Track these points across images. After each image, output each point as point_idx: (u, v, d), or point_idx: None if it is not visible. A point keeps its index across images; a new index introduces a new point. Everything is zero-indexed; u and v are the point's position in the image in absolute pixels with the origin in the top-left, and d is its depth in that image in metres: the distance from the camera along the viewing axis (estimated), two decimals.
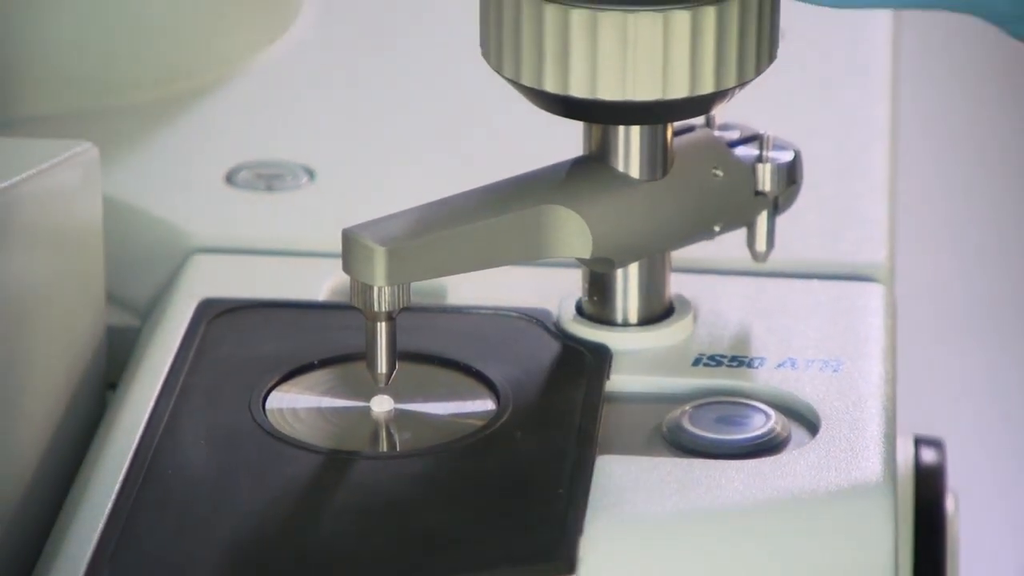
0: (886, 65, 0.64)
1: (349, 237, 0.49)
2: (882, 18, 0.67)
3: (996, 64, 1.07)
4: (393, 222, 0.49)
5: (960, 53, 1.07)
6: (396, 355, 0.50)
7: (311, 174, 0.58)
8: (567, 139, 0.52)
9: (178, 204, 0.57)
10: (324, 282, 0.54)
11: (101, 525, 0.47)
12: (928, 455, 0.54)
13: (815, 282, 0.55)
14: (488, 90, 0.53)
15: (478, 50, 0.51)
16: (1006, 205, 0.96)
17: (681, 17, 0.49)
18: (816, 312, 0.54)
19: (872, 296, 0.54)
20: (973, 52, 1.08)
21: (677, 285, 0.53)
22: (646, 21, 0.49)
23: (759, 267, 0.54)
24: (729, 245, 0.53)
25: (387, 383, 0.50)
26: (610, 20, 0.49)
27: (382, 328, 0.49)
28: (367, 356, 0.50)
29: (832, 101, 0.62)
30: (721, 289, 0.54)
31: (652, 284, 0.52)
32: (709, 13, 0.49)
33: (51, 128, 0.59)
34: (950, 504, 0.53)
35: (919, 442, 0.54)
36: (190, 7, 0.61)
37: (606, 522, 0.47)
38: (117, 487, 0.48)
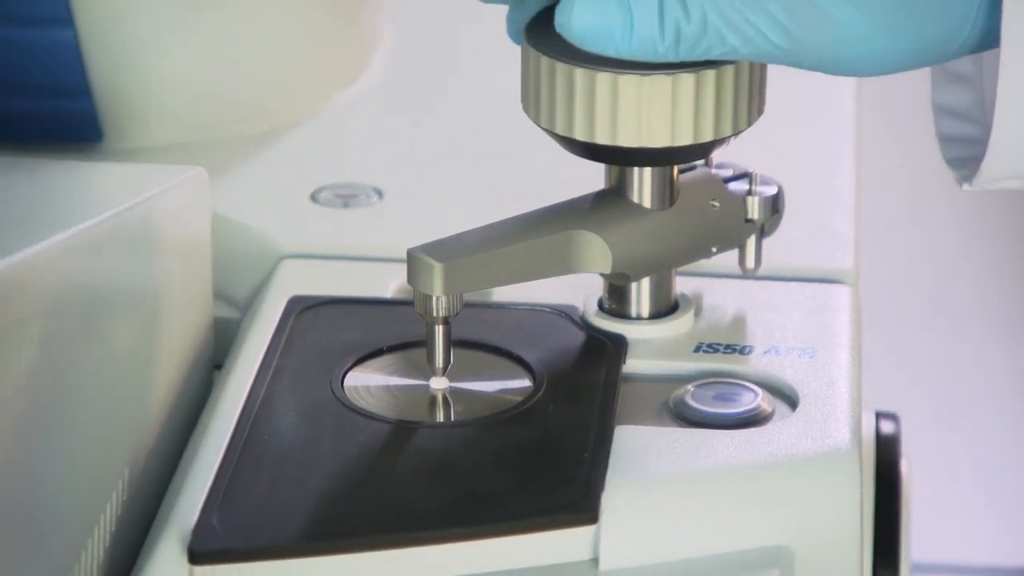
0: (850, 102, 0.64)
1: (412, 255, 0.49)
2: None
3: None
4: (449, 243, 0.49)
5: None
6: (451, 351, 0.50)
7: (380, 194, 0.58)
8: (590, 175, 0.52)
9: (271, 218, 0.57)
10: (390, 283, 0.54)
11: (210, 480, 0.47)
12: (886, 426, 0.54)
13: (794, 284, 0.54)
14: (527, 134, 0.53)
15: (519, 102, 0.51)
16: (953, 217, 0.96)
17: (687, 80, 0.49)
18: (795, 309, 0.53)
19: (841, 296, 0.54)
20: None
21: (681, 285, 0.53)
22: (658, 83, 0.49)
23: (745, 272, 0.54)
24: (724, 254, 0.53)
25: (444, 374, 0.50)
26: (629, 81, 0.49)
27: (439, 330, 0.49)
28: (427, 351, 0.50)
29: (803, 134, 0.62)
30: (717, 289, 0.54)
31: (660, 286, 0.52)
32: (709, 76, 0.49)
33: (168, 156, 0.59)
34: (904, 467, 0.53)
35: (879, 416, 0.54)
36: (283, 55, 0.61)
37: (624, 481, 0.47)
38: (223, 449, 0.48)
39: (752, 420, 0.49)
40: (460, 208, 0.55)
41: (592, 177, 0.52)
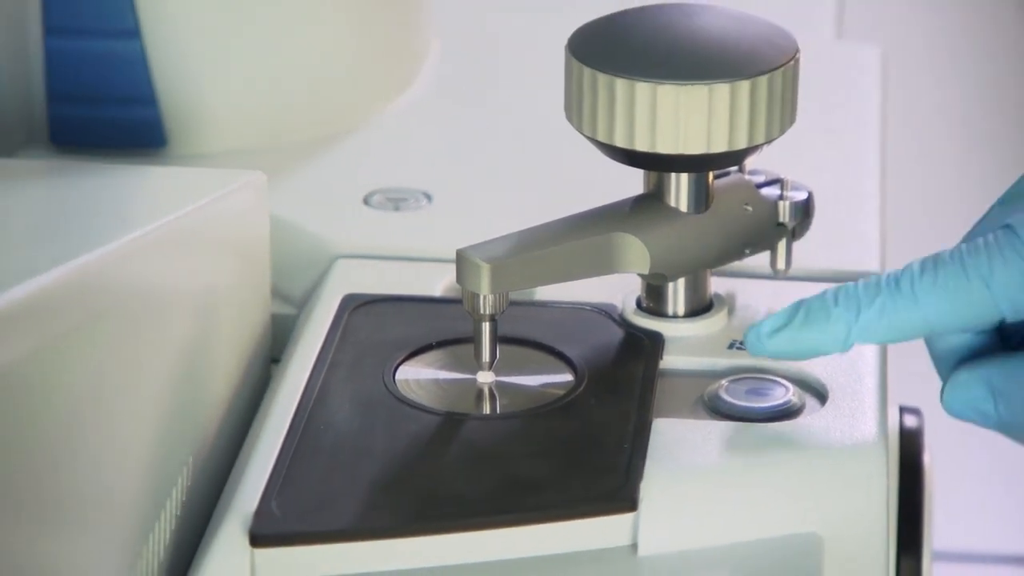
0: (875, 113, 0.64)
1: (461, 256, 0.49)
2: (871, 64, 0.67)
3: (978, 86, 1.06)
4: (496, 244, 0.49)
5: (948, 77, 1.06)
6: (497, 347, 0.50)
7: (429, 198, 0.58)
8: (629, 180, 0.52)
9: (326, 220, 0.57)
10: (439, 281, 0.54)
11: (270, 467, 0.47)
12: (910, 420, 0.53)
13: (822, 284, 0.54)
14: (570, 141, 0.53)
15: (562, 111, 0.51)
16: (974, 219, 0.95)
17: (722, 90, 0.49)
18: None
19: None
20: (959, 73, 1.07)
21: (715, 286, 0.53)
22: (695, 92, 0.49)
23: (776, 273, 0.54)
24: (756, 256, 0.53)
25: (490, 369, 0.50)
26: (667, 91, 0.49)
27: (486, 327, 0.49)
28: (475, 347, 0.50)
29: (831, 143, 0.62)
30: (750, 289, 0.53)
31: (696, 286, 0.52)
32: (744, 87, 0.49)
33: (228, 161, 0.59)
34: (927, 459, 0.53)
35: (903, 410, 0.54)
36: (336, 67, 0.61)
37: (661, 470, 0.47)
38: (281, 438, 0.48)
39: (783, 414, 0.49)
40: (506, 211, 0.55)
41: (631, 182, 0.52)
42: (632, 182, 0.52)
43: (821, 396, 0.50)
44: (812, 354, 0.47)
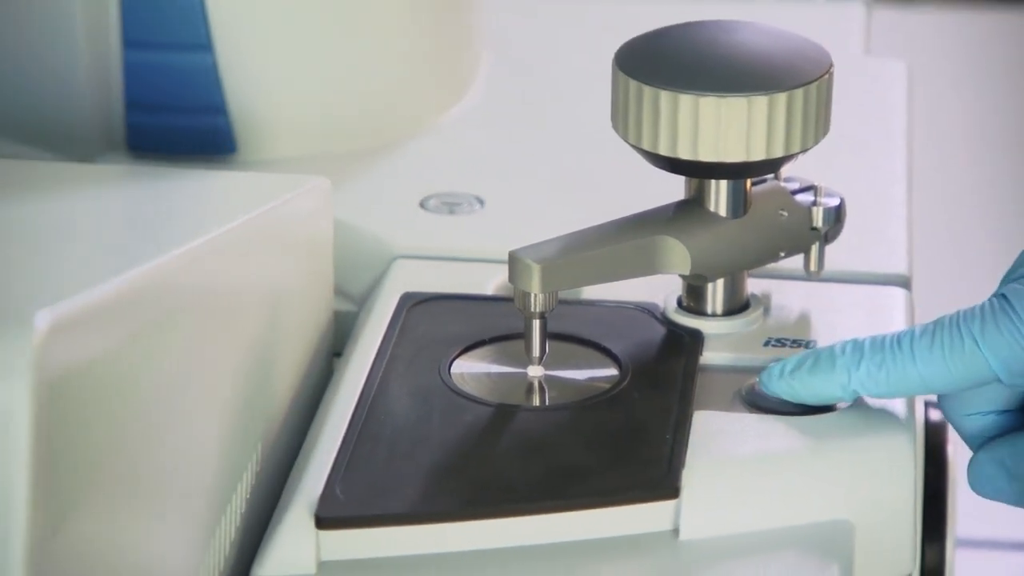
0: (901, 122, 0.64)
1: (514, 257, 0.49)
2: (898, 78, 0.67)
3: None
4: (546, 246, 0.49)
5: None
6: (546, 343, 0.50)
7: (482, 202, 0.58)
8: (671, 186, 0.52)
9: (385, 223, 0.57)
10: (491, 281, 0.54)
11: (334, 454, 0.47)
12: (934, 415, 0.53)
13: (854, 286, 0.54)
14: (615, 149, 0.53)
15: (609, 120, 0.51)
16: (999, 225, 0.95)
17: (760, 102, 0.49)
18: (855, 308, 0.53)
19: (896, 297, 0.54)
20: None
21: (752, 286, 0.53)
22: (734, 104, 0.49)
23: (810, 274, 0.54)
24: (790, 259, 0.53)
25: (540, 363, 0.50)
26: (708, 103, 0.49)
27: (536, 324, 0.49)
28: (525, 343, 0.50)
29: (861, 152, 0.62)
30: (785, 290, 0.53)
31: (733, 286, 0.52)
32: (781, 99, 0.49)
33: (294, 167, 0.59)
34: (950, 451, 0.53)
35: (928, 405, 0.54)
36: (396, 79, 0.62)
37: (701, 460, 0.47)
38: (344, 427, 0.48)
39: (817, 407, 0.49)
40: (554, 215, 0.55)
41: (673, 188, 0.52)
42: (674, 188, 0.52)
43: None
44: (817, 399, 0.48)
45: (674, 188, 0.52)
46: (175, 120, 0.59)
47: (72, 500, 0.38)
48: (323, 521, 0.45)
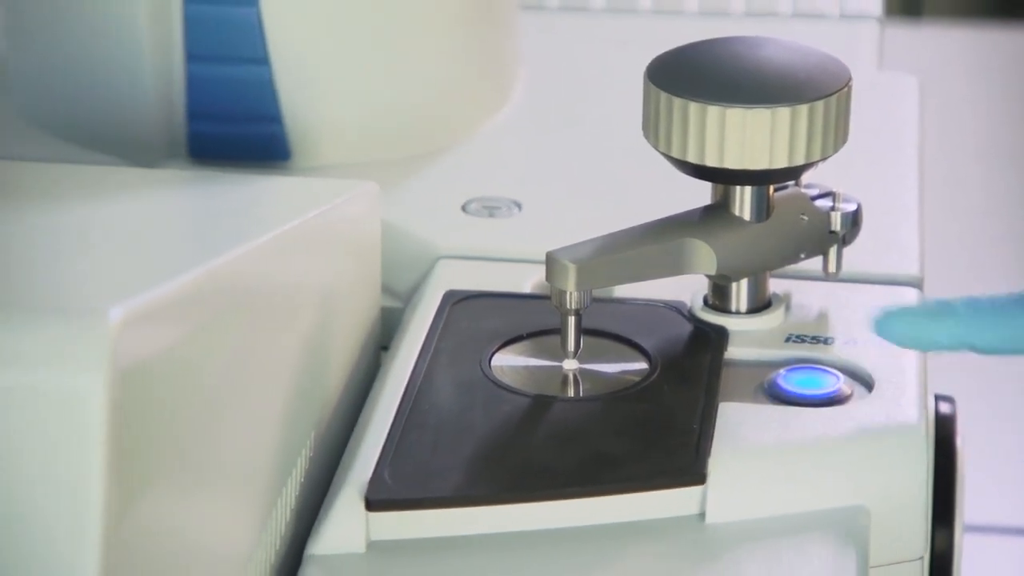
0: (913, 134, 0.64)
1: (551, 257, 0.49)
2: (910, 92, 0.66)
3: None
4: (581, 247, 0.49)
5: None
6: (581, 338, 0.50)
7: (520, 206, 0.58)
8: (698, 192, 0.52)
9: (429, 225, 0.57)
10: (529, 280, 0.54)
11: (382, 441, 0.47)
12: (944, 407, 0.53)
13: (869, 286, 0.54)
14: (646, 156, 0.53)
15: (640, 130, 0.51)
16: (1007, 229, 0.95)
17: (783, 113, 0.49)
18: (869, 307, 0.52)
19: (909, 296, 0.54)
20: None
21: (774, 286, 0.53)
22: (759, 115, 0.49)
23: (828, 275, 0.54)
24: (810, 260, 0.53)
25: (575, 357, 0.50)
26: (734, 114, 0.49)
27: (571, 320, 0.49)
28: (561, 338, 0.50)
29: (876, 162, 0.62)
30: (804, 290, 0.53)
31: (756, 286, 0.52)
32: (802, 110, 0.49)
33: (344, 172, 0.59)
34: (959, 442, 0.53)
35: (938, 398, 0.54)
36: (439, 91, 0.62)
37: (727, 448, 0.47)
38: (391, 416, 0.48)
39: (834, 400, 0.49)
40: (588, 218, 0.55)
41: (700, 193, 0.52)
42: (700, 193, 0.52)
43: (868, 385, 0.50)
44: (929, 346, 0.47)
45: (701, 193, 0.52)
46: (234, 129, 0.59)
47: (141, 482, 0.38)
48: (372, 503, 0.45)
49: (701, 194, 0.52)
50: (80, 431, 0.36)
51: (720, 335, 0.51)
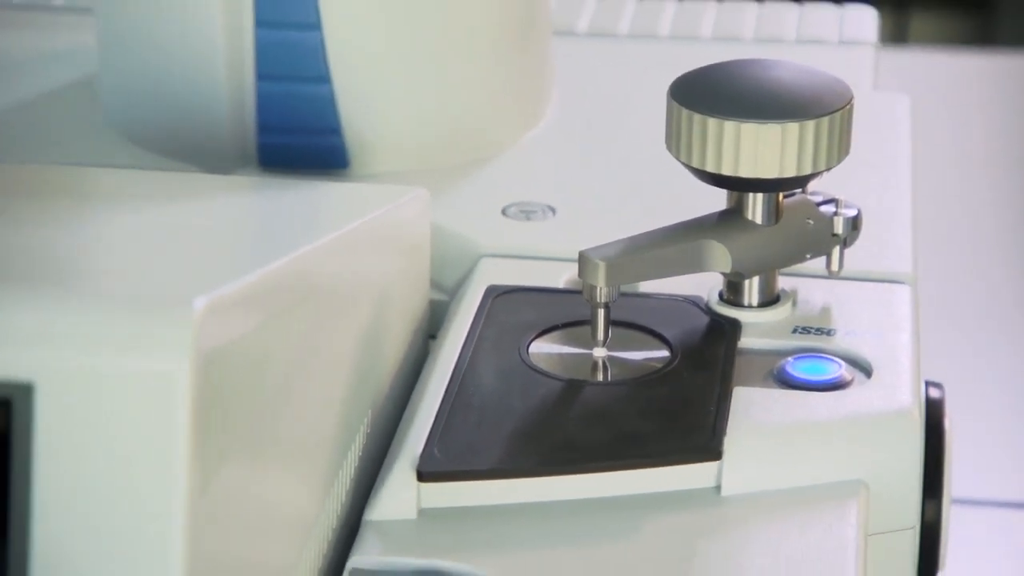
0: (906, 148, 0.64)
1: (583, 255, 0.49)
2: (902, 110, 0.66)
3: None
4: (610, 247, 0.49)
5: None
6: (609, 328, 0.50)
7: (554, 211, 0.58)
8: (715, 198, 0.52)
9: (473, 227, 0.57)
10: (562, 276, 0.54)
11: (431, 420, 0.47)
12: (934, 392, 0.53)
13: (867, 283, 0.54)
14: (668, 166, 0.53)
15: (663, 142, 0.51)
16: (996, 230, 0.95)
17: (792, 128, 0.49)
18: (868, 302, 0.53)
19: (903, 292, 0.54)
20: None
21: (782, 283, 0.53)
22: (770, 130, 0.49)
23: (831, 273, 0.53)
24: (814, 260, 0.53)
25: (603, 345, 0.50)
26: (748, 128, 0.49)
27: (601, 312, 0.49)
28: (591, 328, 0.50)
29: (872, 172, 0.62)
30: (809, 286, 0.53)
31: (766, 283, 0.52)
32: (809, 125, 0.49)
33: (397, 179, 0.59)
34: (947, 424, 0.53)
35: (928, 384, 0.53)
36: (484, 106, 0.62)
37: (740, 428, 0.47)
38: (439, 398, 0.48)
39: (837, 385, 0.49)
40: (616, 221, 0.55)
41: (716, 200, 0.52)
42: (717, 200, 0.52)
43: (867, 372, 0.49)
44: None
45: (717, 200, 0.52)
46: (298, 140, 0.59)
47: (221, 455, 0.38)
48: (423, 475, 0.45)
49: (717, 200, 0.52)
50: (167, 409, 0.36)
51: (734, 327, 0.51)
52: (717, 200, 0.52)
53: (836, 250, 0.52)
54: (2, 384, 0.36)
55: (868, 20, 0.74)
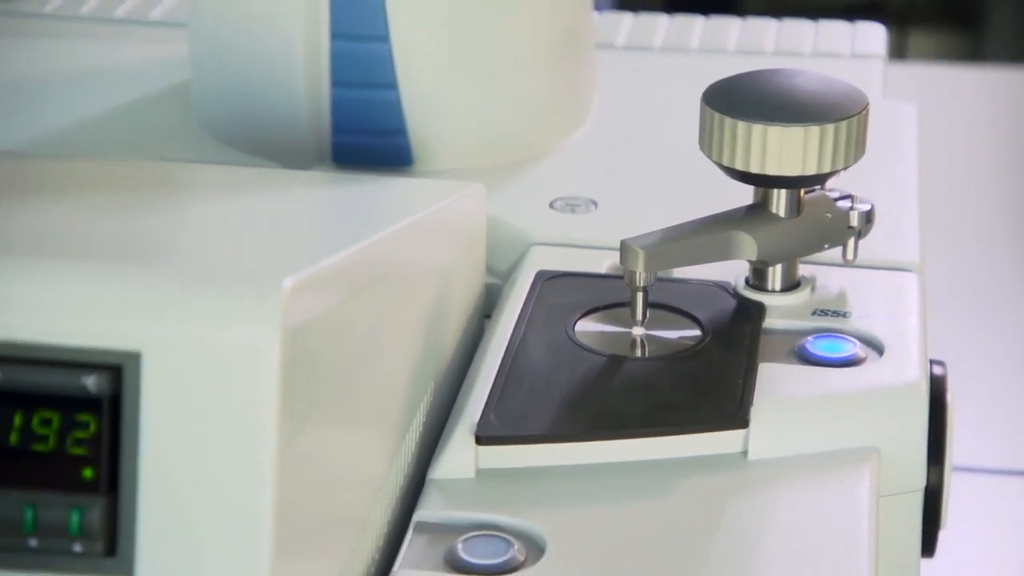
0: (912, 152, 0.63)
1: (624, 244, 0.49)
2: (909, 118, 0.66)
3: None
4: (648, 236, 0.49)
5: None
6: (647, 310, 0.49)
7: (596, 204, 0.58)
8: (743, 193, 0.52)
9: (525, 219, 0.57)
10: (605, 262, 0.54)
11: (488, 389, 0.47)
12: (937, 369, 0.53)
13: (878, 271, 0.54)
14: (701, 164, 0.52)
15: (697, 142, 0.51)
16: (997, 224, 0.95)
17: (814, 130, 0.49)
18: (880, 287, 0.53)
19: (911, 279, 0.53)
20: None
21: (802, 270, 0.52)
22: (794, 132, 0.49)
23: (846, 262, 0.53)
24: (832, 250, 0.52)
25: (642, 325, 0.50)
26: (774, 131, 0.49)
27: (639, 295, 0.49)
28: (631, 309, 0.50)
29: (883, 171, 0.61)
30: (827, 273, 0.53)
31: (788, 269, 0.52)
32: (829, 128, 0.49)
33: (457, 175, 0.59)
34: (949, 397, 0.52)
35: (932, 362, 0.53)
36: (535, 110, 0.61)
37: (764, 399, 0.47)
38: (495, 369, 0.48)
39: (852, 362, 0.49)
40: (653, 214, 0.55)
41: (744, 194, 0.52)
42: (744, 195, 0.52)
43: (879, 350, 0.49)
44: None
45: (744, 194, 0.52)
46: (368, 140, 0.59)
47: (304, 418, 0.38)
48: (481, 439, 0.45)
49: (743, 195, 0.52)
50: (259, 375, 0.36)
51: (759, 309, 0.51)
52: (743, 195, 0.52)
53: (851, 241, 0.52)
54: (114, 353, 0.37)
55: (877, 35, 0.73)
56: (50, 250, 0.39)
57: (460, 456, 0.45)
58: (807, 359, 0.49)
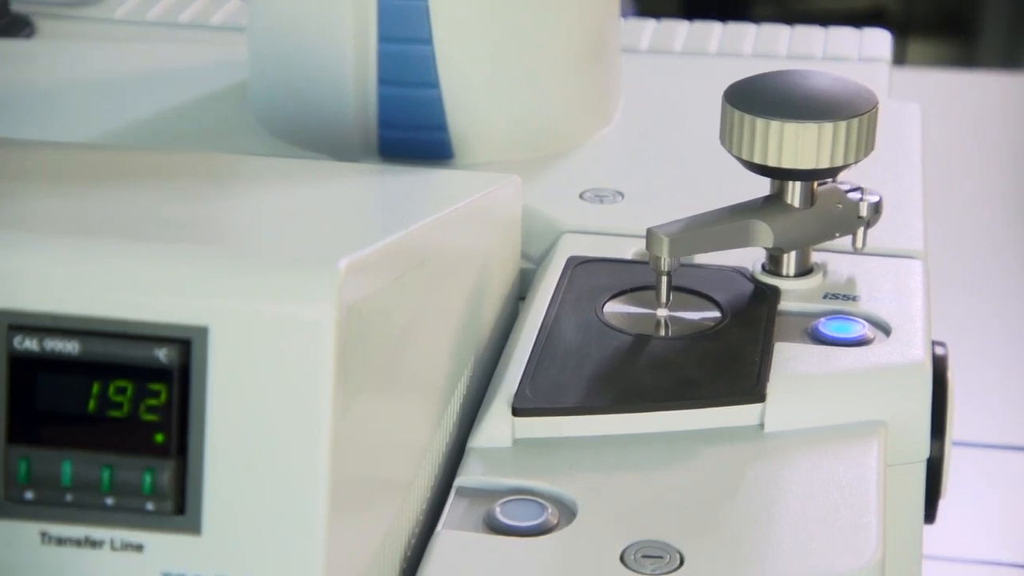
0: (917, 150, 0.63)
1: (650, 232, 0.49)
2: (914, 118, 0.65)
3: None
4: (672, 224, 0.49)
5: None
6: (671, 292, 0.49)
7: (622, 195, 0.58)
8: (760, 185, 0.51)
9: (557, 208, 0.57)
10: (631, 249, 0.54)
11: (523, 365, 0.47)
12: (939, 349, 0.52)
13: (885, 258, 0.53)
14: (721, 158, 0.52)
15: (717, 138, 0.51)
16: (997, 214, 0.95)
17: (827, 127, 0.48)
18: (887, 273, 0.52)
19: (916, 266, 0.53)
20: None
21: (815, 257, 0.52)
22: (809, 128, 0.48)
23: (856, 249, 0.53)
24: (842, 238, 0.52)
25: (666, 307, 0.50)
26: (790, 127, 0.48)
27: (664, 279, 0.49)
28: (655, 292, 0.50)
29: (889, 167, 0.61)
30: (838, 260, 0.53)
31: (802, 256, 0.52)
32: (842, 125, 0.48)
33: (494, 168, 0.59)
34: (950, 376, 0.52)
35: (934, 343, 0.53)
36: (566, 107, 0.61)
37: (780, 376, 0.47)
38: (530, 347, 0.48)
39: (861, 342, 0.48)
40: (676, 203, 0.55)
41: (761, 186, 0.51)
42: (761, 186, 0.51)
43: (887, 331, 0.49)
44: None
45: (761, 186, 0.51)
46: (412, 135, 0.59)
47: (357, 388, 0.39)
48: (517, 411, 0.46)
49: (761, 187, 0.51)
50: (315, 349, 0.37)
51: (774, 293, 0.51)
52: (760, 187, 0.51)
53: (860, 230, 0.52)
54: (183, 327, 0.37)
55: (883, 41, 0.73)
56: (124, 233, 0.39)
57: (498, 426, 0.45)
58: (819, 339, 0.49)
